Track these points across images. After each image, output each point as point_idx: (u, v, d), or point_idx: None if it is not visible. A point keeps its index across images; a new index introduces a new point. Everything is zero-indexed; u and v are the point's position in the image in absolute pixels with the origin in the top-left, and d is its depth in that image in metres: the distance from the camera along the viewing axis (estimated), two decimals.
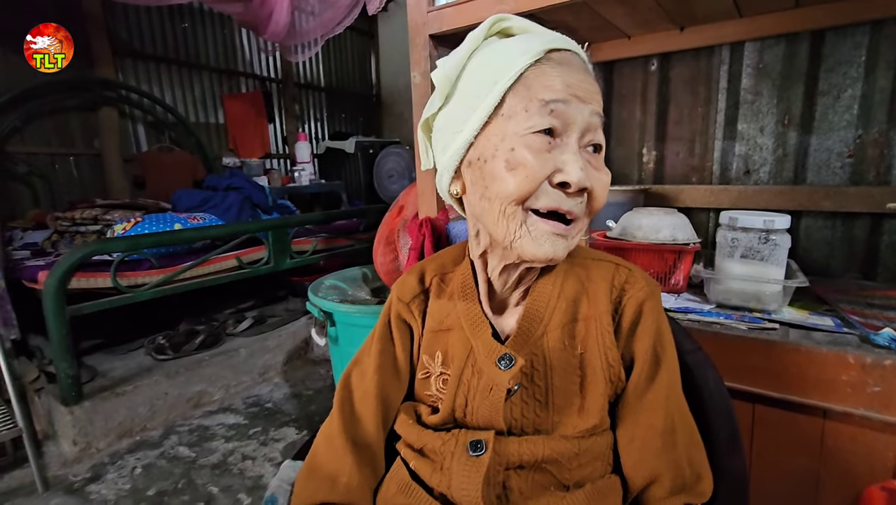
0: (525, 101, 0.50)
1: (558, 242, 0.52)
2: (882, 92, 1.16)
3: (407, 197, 1.64)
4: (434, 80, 0.56)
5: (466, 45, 0.56)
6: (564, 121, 0.50)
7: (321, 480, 0.61)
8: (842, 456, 0.83)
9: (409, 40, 1.17)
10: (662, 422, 0.55)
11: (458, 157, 0.55)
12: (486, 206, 0.53)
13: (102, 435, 1.84)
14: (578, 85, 0.50)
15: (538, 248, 0.51)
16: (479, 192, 0.54)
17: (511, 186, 0.50)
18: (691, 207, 1.40)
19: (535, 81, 0.50)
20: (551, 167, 0.50)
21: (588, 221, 0.55)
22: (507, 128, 0.51)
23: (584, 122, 0.51)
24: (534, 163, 0.49)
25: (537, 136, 0.50)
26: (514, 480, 0.56)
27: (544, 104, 0.49)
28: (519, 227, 0.51)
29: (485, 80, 0.52)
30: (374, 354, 0.67)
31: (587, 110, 0.50)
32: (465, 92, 0.55)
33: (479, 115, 0.52)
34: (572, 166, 0.49)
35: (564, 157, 0.50)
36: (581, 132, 0.51)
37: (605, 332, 0.58)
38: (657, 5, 1.12)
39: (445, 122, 0.57)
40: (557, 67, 0.51)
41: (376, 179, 4.33)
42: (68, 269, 1.68)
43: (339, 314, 1.50)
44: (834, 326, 0.91)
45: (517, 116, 0.51)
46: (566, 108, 0.50)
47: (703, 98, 1.38)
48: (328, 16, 3.22)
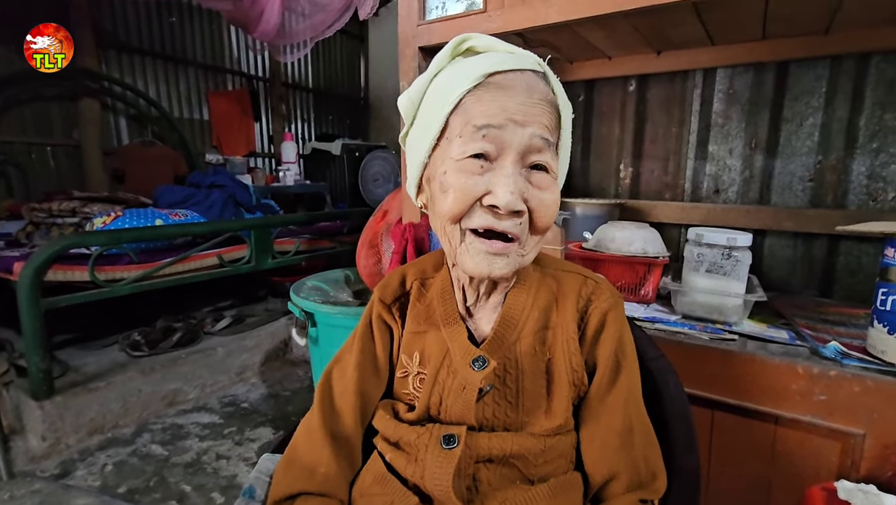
0: (461, 127, 0.53)
1: (496, 261, 0.54)
2: (840, 121, 1.24)
3: (391, 202, 1.67)
4: (400, 107, 0.62)
5: (431, 67, 0.59)
6: (498, 145, 0.52)
7: (300, 470, 0.64)
8: (790, 460, 0.89)
9: (399, 51, 1.21)
10: (621, 423, 0.59)
11: (418, 174, 0.61)
12: (434, 221, 0.59)
13: (73, 431, 1.81)
14: (517, 109, 0.52)
15: (475, 265, 0.55)
16: (432, 209, 0.60)
17: (445, 207, 0.54)
18: (664, 223, 1.46)
19: (472, 107, 0.53)
20: (482, 189, 0.52)
21: (538, 239, 0.57)
22: (447, 151, 0.55)
23: (522, 144, 0.52)
24: (463, 185, 0.52)
25: (469, 161, 0.52)
26: (484, 472, 0.59)
27: (476, 129, 0.52)
28: (459, 245, 0.56)
29: (436, 105, 0.56)
30: (355, 352, 0.69)
31: (526, 133, 0.52)
32: (424, 115, 0.59)
33: (430, 138, 0.56)
34: (501, 189, 0.51)
35: (496, 179, 0.52)
36: (519, 154, 0.52)
37: (571, 339, 0.61)
38: (634, 30, 1.18)
39: (410, 142, 0.63)
40: (496, 92, 0.52)
41: (361, 183, 4.34)
42: (45, 260, 1.66)
43: (321, 315, 1.51)
44: (788, 339, 0.97)
45: (455, 141, 0.54)
46: (500, 132, 0.51)
47: (678, 119, 1.45)
48: (319, 18, 3.24)
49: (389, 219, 1.59)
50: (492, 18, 1.06)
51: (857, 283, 1.27)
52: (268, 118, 4.76)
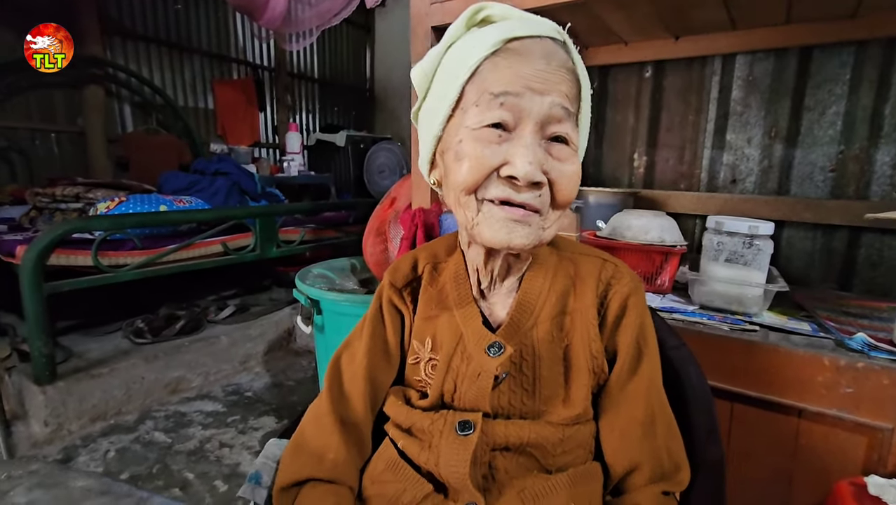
0: (477, 95, 0.51)
1: (516, 228, 0.51)
2: (864, 110, 1.20)
3: (399, 189, 1.64)
4: (413, 79, 0.59)
5: (445, 38, 0.56)
6: (516, 114, 0.49)
7: (308, 456, 0.62)
8: (815, 454, 0.86)
9: (411, 30, 1.18)
10: (643, 413, 0.57)
11: (431, 148, 0.58)
12: (447, 194, 0.57)
13: (75, 417, 1.80)
14: (535, 76, 0.49)
15: (493, 233, 0.52)
16: (446, 182, 0.57)
17: (459, 177, 0.51)
18: (679, 213, 1.43)
19: (488, 75, 0.50)
20: (500, 159, 0.50)
21: (560, 214, 0.54)
22: (463, 121, 0.52)
23: (542, 113, 0.49)
24: (479, 154, 0.50)
25: (486, 130, 0.50)
26: (500, 460, 0.57)
27: (493, 97, 0.49)
28: (476, 215, 0.53)
29: (451, 75, 0.53)
30: (364, 337, 0.67)
31: (546, 102, 0.49)
32: (438, 85, 0.56)
33: (445, 109, 0.54)
34: (520, 159, 0.48)
35: (514, 149, 0.49)
36: (538, 124, 0.50)
37: (590, 325, 0.59)
38: (654, 12, 1.15)
39: (423, 116, 0.60)
40: (512, 58, 0.50)
41: (366, 174, 4.31)
42: (48, 244, 1.64)
43: (327, 302, 1.49)
44: (811, 331, 0.94)
45: (471, 110, 0.51)
46: (518, 100, 0.49)
47: (695, 107, 1.42)
48: (326, 6, 3.20)
49: (398, 206, 1.57)
50: None
51: (878, 276, 1.24)
52: (273, 108, 4.73)
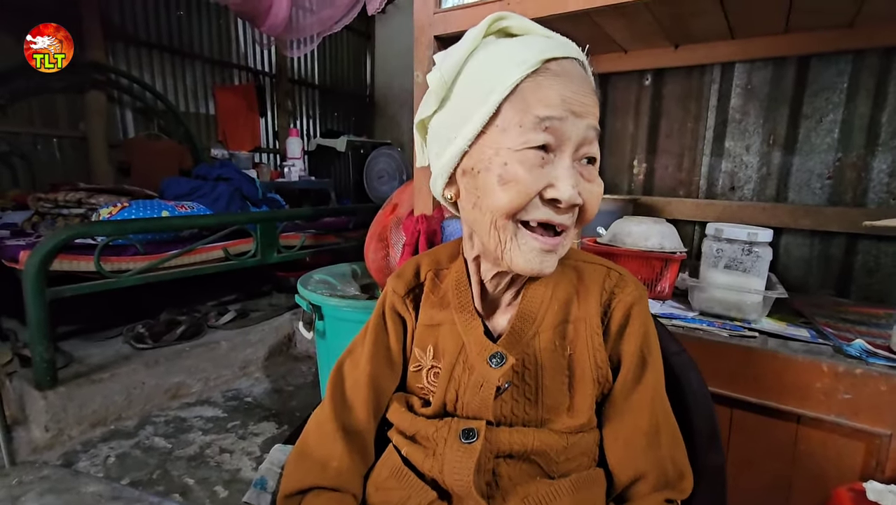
0: (520, 116, 0.49)
1: (547, 258, 0.52)
2: (861, 118, 1.22)
3: (401, 195, 1.65)
4: (430, 82, 0.55)
5: (465, 45, 0.54)
6: (559, 137, 0.49)
7: (312, 464, 0.62)
8: (813, 460, 0.87)
9: (414, 40, 1.19)
10: (647, 422, 0.57)
11: (453, 164, 0.55)
12: (478, 216, 0.54)
13: (76, 422, 1.80)
14: (575, 99, 0.50)
15: (526, 263, 0.52)
16: (472, 201, 0.54)
17: (503, 201, 0.50)
18: (678, 219, 1.44)
19: (530, 95, 0.49)
20: (544, 183, 0.50)
21: (579, 231, 0.56)
22: (501, 141, 0.50)
23: (580, 136, 0.50)
24: (527, 179, 0.49)
25: (531, 152, 0.49)
26: (504, 467, 0.57)
27: (539, 121, 0.49)
28: (510, 241, 0.52)
29: (481, 89, 0.51)
30: (367, 343, 0.67)
31: (583, 125, 0.50)
32: (461, 98, 0.54)
33: (474, 125, 0.51)
34: (564, 183, 0.49)
35: (557, 172, 0.49)
36: (576, 147, 0.50)
37: (594, 333, 0.59)
38: (655, 21, 1.16)
39: (440, 126, 0.56)
40: (554, 80, 0.50)
41: (366, 180, 4.33)
42: (51, 250, 1.65)
43: (328, 308, 1.50)
44: (809, 337, 0.95)
45: (512, 130, 0.50)
46: (561, 124, 0.49)
47: (694, 115, 1.43)
48: (327, 13, 3.23)
49: (399, 212, 1.58)
50: (510, 6, 1.04)
51: (874, 282, 1.25)
52: (273, 114, 4.75)
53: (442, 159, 0.56)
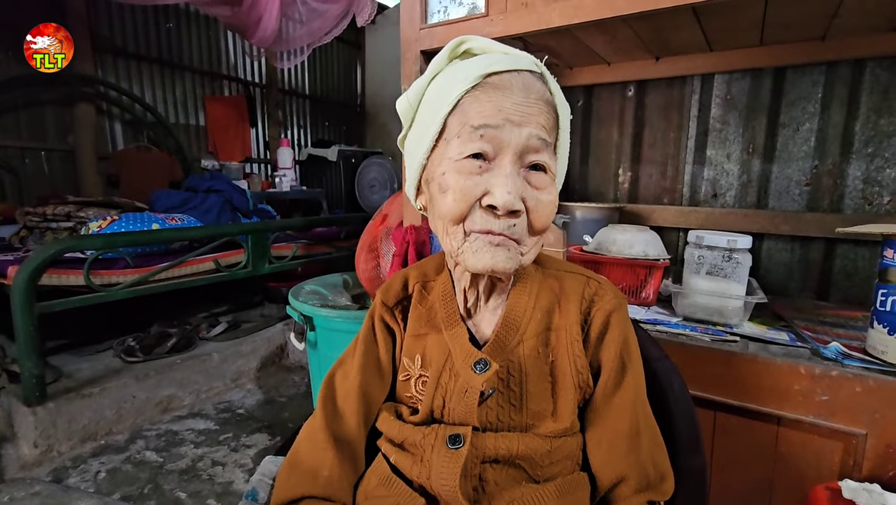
0: (459, 128, 0.53)
1: (498, 253, 0.53)
2: (836, 127, 1.26)
3: (391, 206, 1.67)
4: (399, 109, 0.62)
5: (428, 71, 0.59)
6: (496, 145, 0.52)
7: (303, 473, 0.63)
8: (793, 460, 0.89)
9: (401, 54, 1.22)
10: (628, 425, 0.59)
11: (416, 175, 0.61)
12: (435, 223, 0.59)
13: (65, 438, 1.78)
14: (513, 109, 0.52)
15: (477, 260, 0.54)
16: (431, 210, 0.59)
17: (444, 209, 0.54)
18: (663, 226, 1.47)
19: (469, 108, 0.53)
20: (481, 190, 0.52)
21: (537, 240, 0.56)
22: (445, 153, 0.55)
23: (520, 144, 0.52)
24: (462, 186, 0.52)
25: (467, 161, 0.52)
26: (490, 472, 0.58)
27: (474, 129, 0.52)
28: (460, 244, 0.55)
29: (433, 107, 0.56)
30: (357, 354, 0.68)
31: (523, 133, 0.52)
32: (422, 116, 0.59)
33: (429, 140, 0.56)
34: (499, 189, 0.51)
35: (494, 179, 0.52)
36: (517, 154, 0.52)
37: (575, 341, 0.61)
38: (635, 35, 1.20)
39: (409, 144, 0.63)
40: (492, 92, 0.53)
41: (358, 189, 4.34)
42: (40, 264, 1.64)
43: (320, 319, 1.50)
44: (789, 340, 0.98)
45: (453, 142, 0.54)
46: (497, 132, 0.51)
47: (676, 124, 1.47)
48: (317, 25, 3.25)
49: (389, 223, 1.59)
50: (494, 23, 1.07)
51: (853, 286, 1.28)
52: (264, 124, 4.76)
53: (410, 171, 0.62)
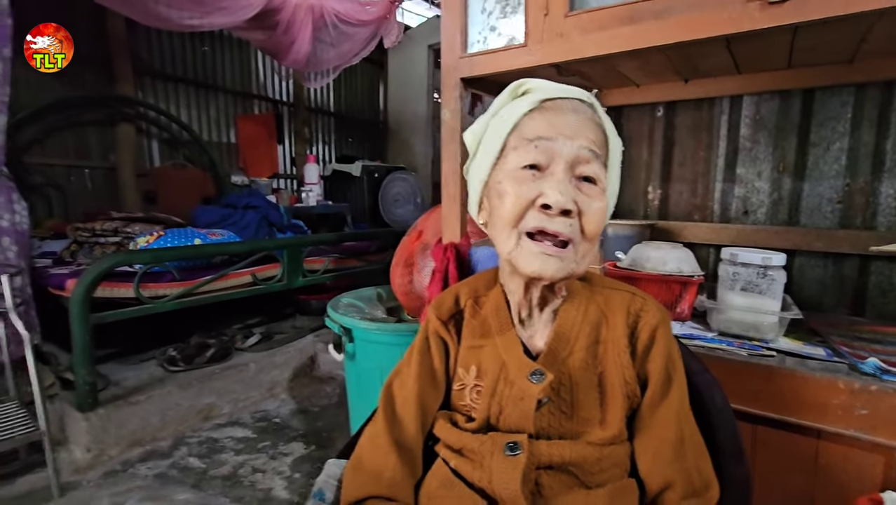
0: (517, 141, 0.62)
1: (548, 261, 0.59)
2: (867, 146, 1.28)
3: (425, 222, 1.73)
4: (465, 141, 0.72)
5: (492, 108, 0.69)
6: (549, 155, 0.59)
7: (367, 474, 0.68)
8: (834, 473, 0.91)
9: (442, 81, 1.28)
10: (674, 434, 0.63)
11: (479, 192, 0.70)
12: (493, 231, 0.67)
13: (114, 443, 1.87)
14: (565, 124, 0.60)
15: (528, 264, 0.60)
16: (492, 221, 0.67)
17: (502, 210, 0.62)
18: (694, 243, 1.50)
19: (525, 126, 0.62)
20: (535, 193, 0.59)
21: (590, 246, 0.62)
22: (504, 166, 0.63)
23: (571, 154, 0.59)
24: (518, 190, 0.60)
25: (523, 171, 0.60)
26: (545, 478, 0.63)
27: (529, 142, 0.60)
28: (515, 247, 0.62)
29: (496, 134, 0.65)
30: (413, 365, 0.74)
31: (574, 145, 0.59)
32: (485, 144, 0.68)
33: (490, 158, 0.66)
34: (552, 189, 0.58)
35: (546, 183, 0.59)
36: (569, 164, 0.59)
37: (623, 353, 0.66)
38: (666, 60, 1.25)
39: (473, 168, 0.71)
40: (547, 112, 0.62)
41: (382, 203, 4.44)
42: (96, 277, 1.75)
43: (359, 331, 1.57)
44: (825, 356, 1.00)
45: (510, 155, 0.63)
46: (550, 143, 0.59)
47: (705, 143, 1.51)
48: (346, 47, 3.39)
49: (425, 239, 1.66)
50: (531, 52, 1.13)
51: (888, 302, 1.29)
52: (291, 141, 4.91)
53: (474, 189, 0.71)
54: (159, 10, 2.26)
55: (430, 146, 5.38)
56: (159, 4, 2.25)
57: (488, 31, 1.21)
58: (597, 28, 1.03)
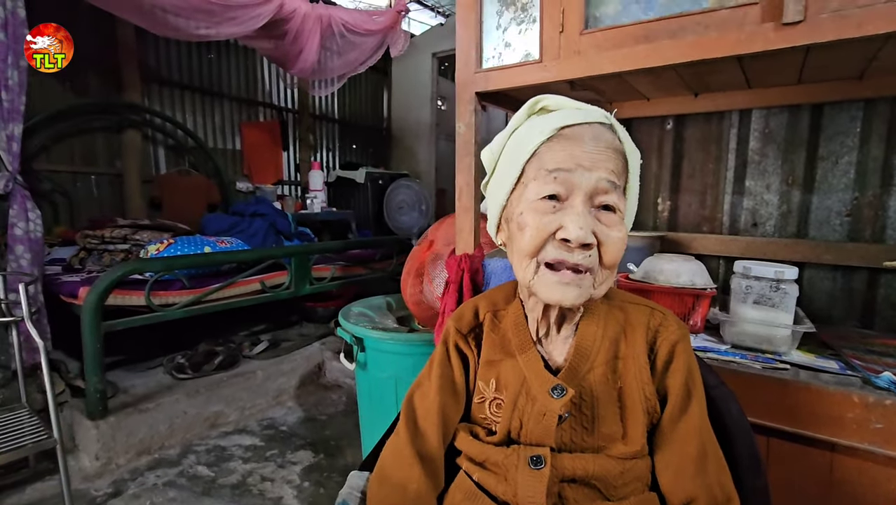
0: (535, 172, 0.62)
1: (567, 290, 0.60)
2: (875, 160, 1.30)
3: (436, 232, 1.75)
4: (483, 159, 0.73)
5: (509, 126, 0.69)
6: (569, 186, 0.59)
7: (392, 487, 0.68)
8: (849, 487, 0.92)
9: (456, 95, 1.30)
10: (696, 449, 0.63)
11: (497, 214, 0.70)
12: (512, 257, 0.67)
13: (123, 451, 1.87)
14: (584, 155, 0.60)
15: (547, 293, 0.62)
16: (510, 246, 0.68)
17: (521, 243, 0.62)
18: (703, 254, 1.52)
19: (545, 155, 0.62)
20: (555, 226, 0.59)
21: (608, 274, 0.62)
22: (523, 195, 0.63)
23: (590, 186, 0.59)
24: (537, 223, 0.60)
25: (543, 202, 0.61)
26: (568, 491, 0.64)
27: (548, 173, 0.60)
28: (533, 277, 0.62)
29: (514, 156, 0.65)
30: (434, 377, 0.75)
31: (593, 177, 0.59)
32: (503, 164, 0.68)
33: (508, 184, 0.66)
34: (571, 224, 0.58)
35: (566, 216, 0.59)
36: (588, 195, 0.59)
37: (643, 369, 0.67)
38: (677, 76, 1.27)
39: (491, 187, 0.72)
40: (566, 142, 0.61)
41: (386, 210, 4.45)
42: (109, 285, 1.76)
43: (371, 340, 1.58)
44: (838, 369, 1.01)
45: (530, 185, 0.62)
46: (569, 175, 0.59)
47: (714, 156, 1.53)
48: (353, 56, 3.42)
49: (436, 249, 1.67)
50: (547, 68, 1.15)
51: None
52: (295, 147, 4.93)
53: (492, 211, 0.71)
54: (171, 21, 2.29)
55: (433, 153, 5.41)
56: (170, 15, 2.27)
57: (503, 46, 1.23)
58: (612, 46, 1.05)
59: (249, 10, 2.58)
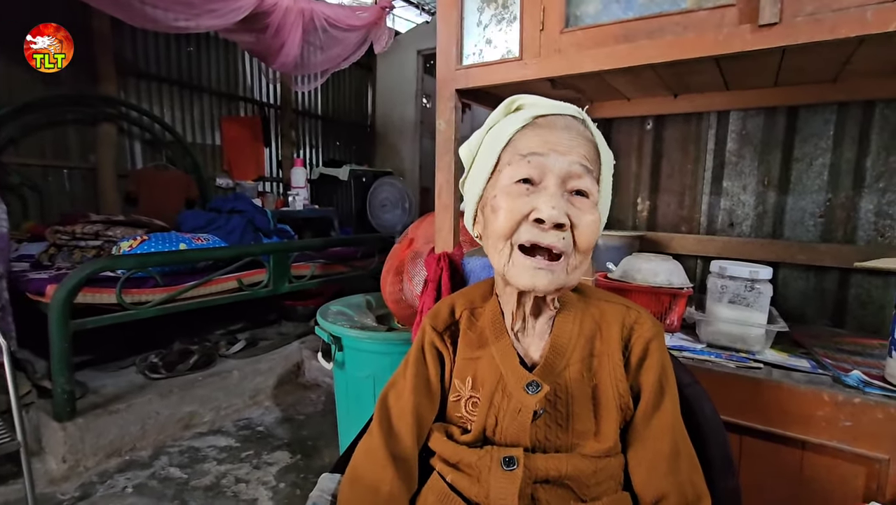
0: (510, 157, 0.63)
1: (539, 275, 0.60)
2: (848, 163, 1.33)
3: (416, 230, 1.73)
4: (461, 155, 0.74)
5: (486, 124, 0.70)
6: (541, 170, 0.60)
7: (365, 488, 0.67)
8: (818, 484, 0.93)
9: (437, 92, 1.29)
10: (668, 447, 0.64)
11: (474, 206, 0.70)
12: (487, 243, 0.67)
13: (92, 453, 1.82)
14: (557, 141, 0.61)
15: (519, 278, 0.61)
16: (486, 233, 0.67)
17: (495, 225, 0.62)
18: (681, 254, 1.53)
19: (519, 142, 0.63)
20: (528, 207, 0.60)
21: (582, 259, 0.63)
22: (498, 181, 0.64)
23: (563, 170, 0.60)
24: (511, 205, 0.61)
25: (517, 185, 0.61)
26: (541, 492, 0.63)
27: (522, 157, 0.61)
28: (507, 261, 0.62)
29: (490, 149, 0.67)
30: (409, 376, 0.74)
31: (566, 160, 0.60)
32: (479, 159, 0.69)
33: (485, 174, 0.67)
34: (544, 205, 0.58)
35: (539, 197, 0.59)
36: (561, 179, 0.60)
37: (616, 366, 0.66)
38: (657, 76, 1.27)
39: (469, 182, 0.72)
40: (539, 129, 0.63)
41: (370, 208, 4.42)
42: (78, 283, 1.70)
43: (349, 339, 1.55)
44: (810, 368, 1.02)
45: (504, 170, 0.63)
46: (543, 159, 0.60)
47: (693, 157, 1.54)
48: (336, 51, 3.38)
49: (416, 247, 1.65)
50: (527, 66, 1.15)
51: (867, 314, 1.33)
52: (277, 144, 4.86)
53: (469, 204, 0.71)
54: (149, 12, 2.23)
55: (417, 151, 5.39)
56: (148, 6, 2.21)
57: (484, 43, 1.22)
58: (592, 45, 1.04)
59: (230, 2, 2.53)
